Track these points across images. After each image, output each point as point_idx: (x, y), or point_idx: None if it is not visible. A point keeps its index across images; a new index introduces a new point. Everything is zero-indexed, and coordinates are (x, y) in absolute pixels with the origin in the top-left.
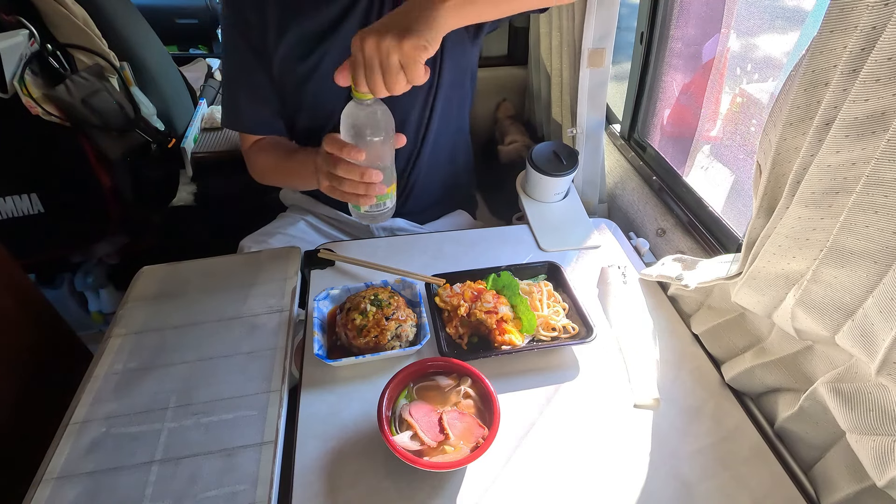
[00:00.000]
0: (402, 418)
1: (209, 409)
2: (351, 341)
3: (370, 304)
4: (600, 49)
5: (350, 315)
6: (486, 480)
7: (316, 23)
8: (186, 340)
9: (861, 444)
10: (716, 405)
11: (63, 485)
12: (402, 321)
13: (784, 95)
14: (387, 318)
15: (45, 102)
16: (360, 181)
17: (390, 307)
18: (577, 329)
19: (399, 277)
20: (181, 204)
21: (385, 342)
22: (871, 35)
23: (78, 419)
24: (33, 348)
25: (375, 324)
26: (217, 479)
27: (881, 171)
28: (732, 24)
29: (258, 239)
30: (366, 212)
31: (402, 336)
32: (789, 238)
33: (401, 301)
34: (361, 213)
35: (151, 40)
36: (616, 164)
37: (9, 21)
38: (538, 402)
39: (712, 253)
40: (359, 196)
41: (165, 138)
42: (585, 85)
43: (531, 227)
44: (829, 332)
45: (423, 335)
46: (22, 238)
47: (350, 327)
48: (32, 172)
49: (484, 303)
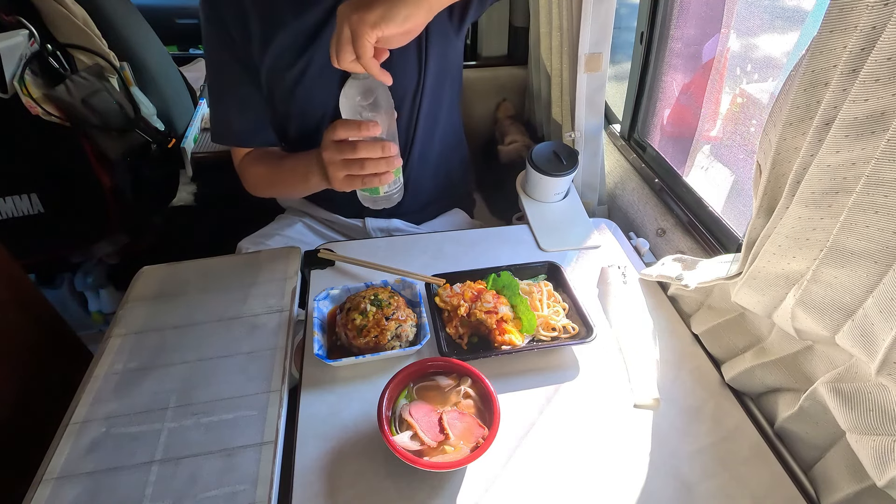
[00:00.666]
0: (402, 418)
1: (209, 409)
2: (351, 341)
3: (370, 304)
4: (597, 54)
5: (350, 315)
6: (486, 480)
7: (299, 30)
8: (186, 340)
9: (861, 443)
10: (716, 405)
11: (63, 485)
12: (402, 321)
13: (784, 95)
14: (387, 318)
15: (45, 102)
16: (382, 156)
17: (390, 307)
18: (577, 329)
19: (399, 277)
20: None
21: (385, 342)
22: (871, 35)
23: (78, 419)
24: (33, 348)
25: (375, 324)
26: (217, 479)
27: (881, 170)
28: (732, 24)
29: (256, 241)
30: (385, 193)
31: (402, 336)
32: (789, 238)
33: (401, 301)
34: (381, 195)
35: (151, 40)
36: (616, 165)
37: (9, 21)
38: (538, 402)
39: (712, 253)
40: (381, 175)
41: (165, 138)
42: (583, 90)
43: (531, 227)
44: (830, 332)
45: (423, 335)
46: (22, 238)
47: (350, 327)
48: (32, 172)
49: (484, 303)
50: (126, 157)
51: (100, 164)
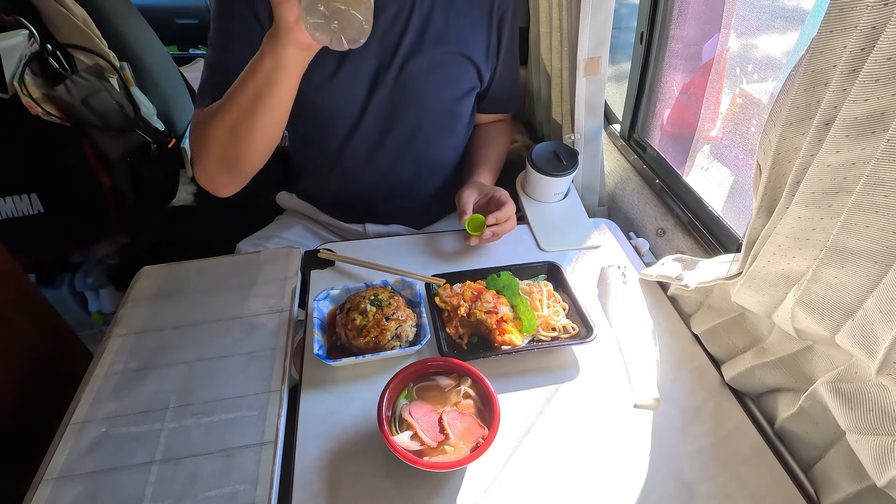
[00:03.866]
0: (402, 418)
1: (209, 409)
2: (351, 341)
3: (370, 304)
4: (596, 58)
5: (350, 315)
6: (486, 480)
7: None
8: (187, 340)
9: (861, 443)
10: (716, 405)
11: (63, 485)
12: (402, 321)
13: (784, 95)
14: (387, 318)
15: (45, 102)
16: None
17: (390, 307)
18: (577, 329)
19: (399, 277)
20: (181, 204)
21: (385, 342)
22: (871, 35)
23: (78, 419)
24: (33, 348)
25: (375, 324)
26: (217, 479)
27: (881, 171)
28: (732, 24)
29: (255, 242)
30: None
31: (402, 336)
32: (789, 238)
33: (401, 301)
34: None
35: (151, 40)
36: (616, 165)
37: (9, 21)
38: (538, 402)
39: (712, 253)
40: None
41: (165, 138)
42: (582, 94)
43: (531, 227)
44: (830, 332)
45: (423, 335)
46: (22, 238)
47: (350, 327)
48: (32, 172)
49: (484, 303)
50: (126, 157)
51: (100, 164)
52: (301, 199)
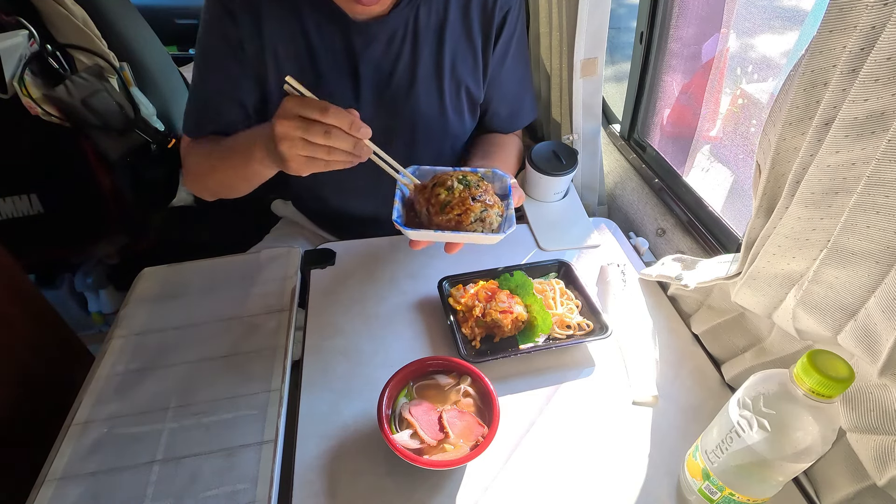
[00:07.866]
0: (402, 417)
1: (210, 408)
2: (432, 217)
3: (458, 182)
4: (592, 59)
5: (435, 190)
6: (485, 479)
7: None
8: (187, 341)
9: (861, 443)
10: (716, 405)
11: (65, 485)
12: (489, 206)
13: (783, 95)
14: (473, 199)
15: (44, 103)
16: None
17: (479, 188)
18: (592, 326)
19: (490, 169)
20: (181, 204)
21: (468, 223)
22: (871, 35)
23: (80, 420)
24: (33, 349)
25: (461, 201)
26: (218, 478)
27: (882, 171)
28: (732, 24)
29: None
30: None
31: (486, 221)
32: (789, 238)
33: (490, 188)
34: None
35: (151, 40)
36: (616, 164)
37: (8, 21)
38: (538, 402)
39: (712, 253)
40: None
41: (165, 138)
42: (580, 95)
43: (531, 227)
44: (831, 332)
45: (509, 226)
46: (22, 238)
47: (434, 202)
48: (32, 172)
49: (499, 302)
50: (126, 157)
51: (100, 165)
52: (296, 208)
